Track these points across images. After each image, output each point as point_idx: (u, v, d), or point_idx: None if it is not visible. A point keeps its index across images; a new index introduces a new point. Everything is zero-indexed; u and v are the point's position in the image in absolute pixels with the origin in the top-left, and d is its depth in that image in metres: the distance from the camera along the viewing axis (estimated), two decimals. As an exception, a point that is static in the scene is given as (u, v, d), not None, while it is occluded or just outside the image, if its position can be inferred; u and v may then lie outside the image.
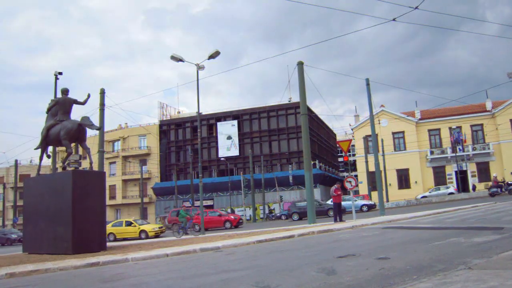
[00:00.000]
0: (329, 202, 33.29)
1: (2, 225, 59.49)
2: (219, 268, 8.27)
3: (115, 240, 29.93)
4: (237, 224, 34.02)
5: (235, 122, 60.08)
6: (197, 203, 44.95)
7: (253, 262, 8.88)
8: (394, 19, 16.45)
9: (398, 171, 50.86)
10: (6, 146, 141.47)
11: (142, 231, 29.96)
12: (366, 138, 46.37)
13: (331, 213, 30.30)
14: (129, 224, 31.35)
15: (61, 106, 16.66)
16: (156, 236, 29.70)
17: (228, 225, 33.67)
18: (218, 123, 61.03)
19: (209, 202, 55.94)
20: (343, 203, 23.23)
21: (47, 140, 16.84)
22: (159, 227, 31.74)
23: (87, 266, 10.69)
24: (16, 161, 49.74)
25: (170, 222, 35.51)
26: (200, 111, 26.29)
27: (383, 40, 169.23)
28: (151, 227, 31.28)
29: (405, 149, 51.39)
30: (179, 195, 55.06)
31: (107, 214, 20.34)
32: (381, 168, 32.29)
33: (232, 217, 35.32)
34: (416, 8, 15.43)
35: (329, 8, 30.91)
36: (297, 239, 13.70)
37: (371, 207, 36.67)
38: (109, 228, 28.92)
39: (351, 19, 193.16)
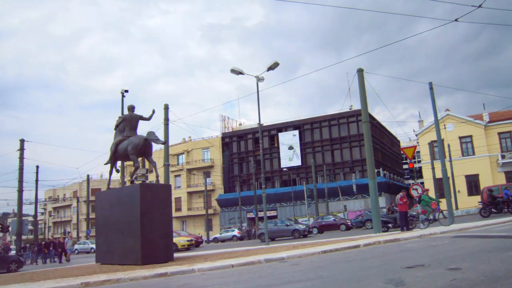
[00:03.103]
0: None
1: (77, 236, 62.28)
2: (284, 279, 8.25)
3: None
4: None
5: (296, 132, 60.00)
6: (260, 214, 45.12)
7: (318, 273, 8.79)
8: (456, 20, 15.88)
9: (467, 177, 48.75)
10: (78, 162, 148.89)
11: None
12: (431, 144, 44.84)
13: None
14: None
15: (128, 122, 17.29)
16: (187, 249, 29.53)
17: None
18: (279, 134, 61.17)
19: (273, 213, 56.00)
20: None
21: (116, 155, 17.49)
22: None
23: (156, 277, 10.97)
24: (88, 176, 52.04)
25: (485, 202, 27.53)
26: (261, 123, 26.47)
27: (444, 41, 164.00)
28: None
29: (473, 154, 49.23)
30: (243, 206, 55.48)
31: (173, 226, 20.80)
32: (449, 174, 31.15)
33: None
34: (480, 6, 14.84)
35: (386, 12, 30.41)
36: (363, 249, 13.44)
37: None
38: None
39: (409, 22, 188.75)
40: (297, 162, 59.31)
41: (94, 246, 40.08)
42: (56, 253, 32.42)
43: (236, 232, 46.75)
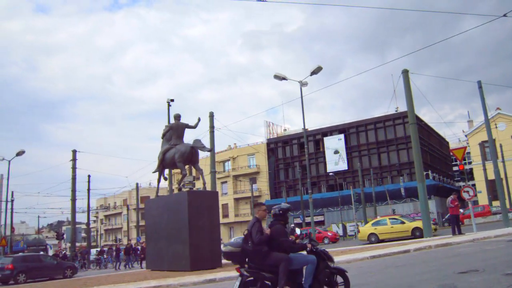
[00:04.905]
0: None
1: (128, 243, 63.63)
2: (333, 284, 8.18)
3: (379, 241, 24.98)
4: None
5: (342, 136, 59.38)
6: (307, 219, 44.88)
7: (368, 279, 8.69)
8: (505, 15, 15.28)
9: (522, 177, 46.80)
10: (127, 171, 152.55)
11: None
12: (482, 144, 43.40)
13: None
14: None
15: (174, 131, 17.63)
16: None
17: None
18: (325, 138, 60.71)
19: (320, 218, 55.55)
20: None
21: (164, 163, 17.84)
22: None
23: (205, 283, 11.12)
24: (137, 184, 53.19)
25: None
26: (305, 127, 26.40)
27: (491, 38, 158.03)
28: None
29: (528, 153, 47.22)
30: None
31: (220, 232, 20.98)
32: (502, 175, 30.08)
33: None
34: (530, 1, 14.20)
35: (428, 11, 29.68)
36: (413, 254, 13.17)
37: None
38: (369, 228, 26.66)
39: (452, 19, 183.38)
40: (343, 166, 58.66)
41: None
42: (138, 259, 32.43)
43: None
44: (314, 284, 6.21)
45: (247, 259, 6.38)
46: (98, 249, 44.44)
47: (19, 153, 33.00)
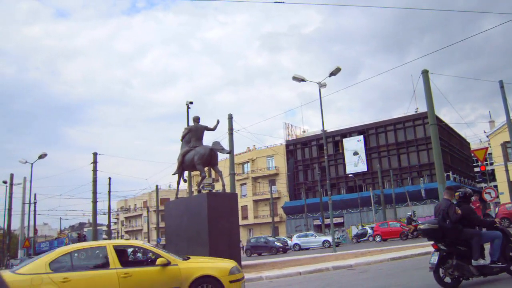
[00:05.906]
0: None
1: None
2: (353, 287, 8.20)
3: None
4: None
5: (361, 137, 59.05)
6: (327, 221, 44.75)
7: (387, 281, 8.67)
8: (528, 15, 15.13)
9: (546, 179, 45.86)
10: (147, 173, 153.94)
11: None
12: (504, 145, 42.68)
13: None
14: None
15: (193, 133, 17.73)
16: None
17: None
18: (344, 139, 60.44)
19: (339, 220, 55.32)
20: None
21: (183, 165, 17.96)
22: None
23: (225, 284, 11.16)
24: (156, 186, 53.60)
25: None
26: (324, 129, 26.31)
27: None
28: None
29: (552, 154, 46.29)
30: (309, 213, 55.19)
31: (240, 234, 21.04)
32: (526, 176, 29.58)
33: None
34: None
35: (448, 10, 29.36)
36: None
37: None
38: None
39: (472, 18, 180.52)
40: (362, 167, 58.32)
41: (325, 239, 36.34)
42: None
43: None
44: (501, 258, 6.96)
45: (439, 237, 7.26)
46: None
47: (41, 156, 33.54)
